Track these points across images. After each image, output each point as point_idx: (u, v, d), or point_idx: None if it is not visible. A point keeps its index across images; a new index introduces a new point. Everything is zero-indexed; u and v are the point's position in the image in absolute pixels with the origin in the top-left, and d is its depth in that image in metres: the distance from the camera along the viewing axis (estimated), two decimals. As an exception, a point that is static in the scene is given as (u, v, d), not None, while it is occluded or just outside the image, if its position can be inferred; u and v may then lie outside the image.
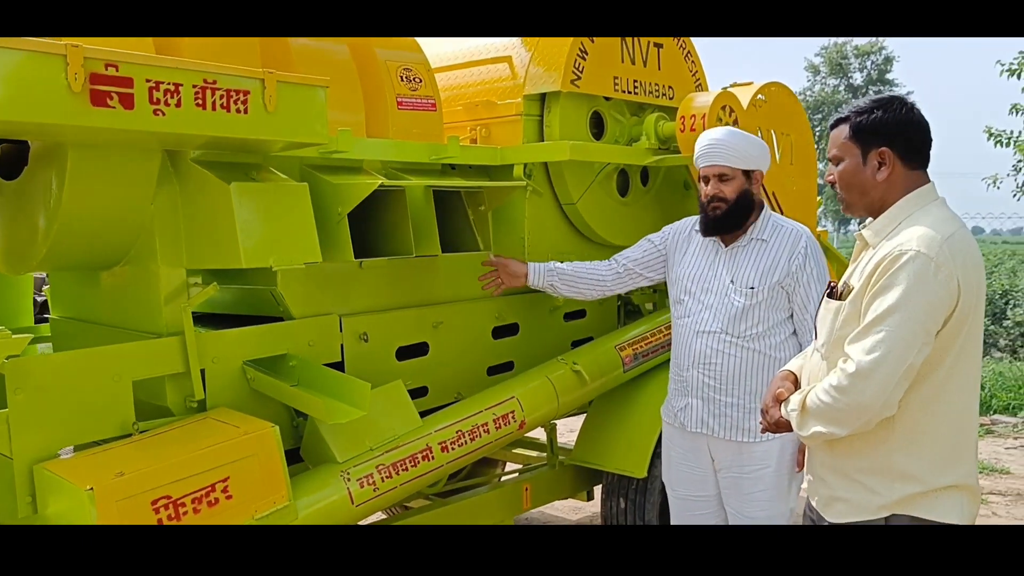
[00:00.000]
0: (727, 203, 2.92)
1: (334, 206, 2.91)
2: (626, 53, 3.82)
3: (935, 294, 1.95)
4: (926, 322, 1.96)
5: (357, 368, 3.19)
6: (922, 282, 1.94)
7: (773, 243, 2.95)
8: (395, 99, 3.30)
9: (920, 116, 2.14)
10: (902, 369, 1.96)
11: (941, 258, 1.95)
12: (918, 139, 2.12)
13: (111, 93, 2.15)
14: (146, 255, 2.76)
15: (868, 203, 2.16)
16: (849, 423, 2.04)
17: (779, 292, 2.91)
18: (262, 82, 2.45)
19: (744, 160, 2.92)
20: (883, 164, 2.11)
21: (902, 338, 1.95)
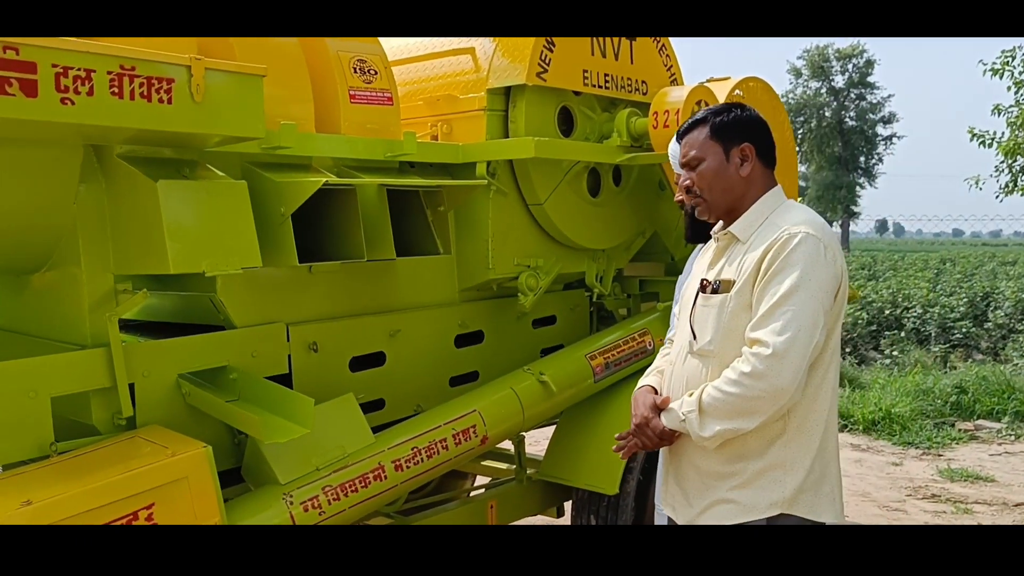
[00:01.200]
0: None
1: (277, 206, 2.69)
2: (596, 46, 3.62)
3: (827, 272, 2.02)
4: (824, 300, 2.02)
5: (306, 380, 2.97)
6: (816, 261, 2.01)
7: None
8: (348, 92, 3.08)
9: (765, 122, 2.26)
10: (811, 347, 1.99)
11: (827, 239, 2.05)
12: (769, 140, 2.22)
13: (10, 79, 1.92)
14: (69, 259, 2.53)
15: (730, 201, 2.19)
16: (763, 410, 2.02)
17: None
18: (188, 69, 2.22)
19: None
20: (745, 160, 2.17)
21: (808, 315, 1.99)
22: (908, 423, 7.64)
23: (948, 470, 6.44)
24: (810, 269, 2.00)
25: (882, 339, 12.98)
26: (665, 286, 4.24)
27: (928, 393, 8.26)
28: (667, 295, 4.18)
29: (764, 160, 2.21)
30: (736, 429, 2.05)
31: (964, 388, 8.34)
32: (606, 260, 3.95)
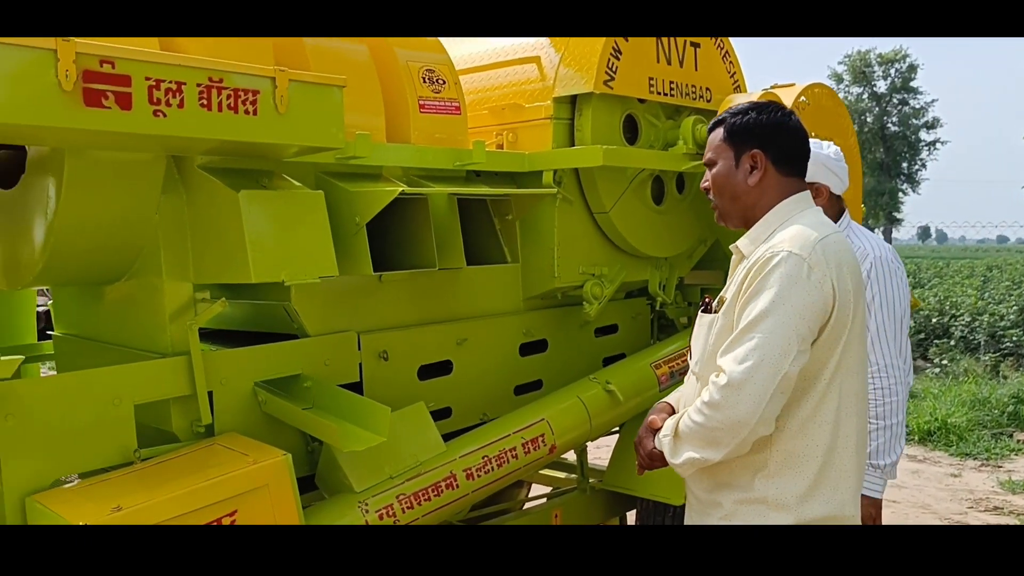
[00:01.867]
0: None
1: (351, 216, 2.70)
2: (662, 53, 3.60)
3: (809, 296, 1.84)
4: (800, 327, 1.83)
5: (376, 389, 2.98)
6: (794, 284, 1.83)
7: None
8: (417, 102, 3.10)
9: (797, 124, 2.06)
10: (777, 379, 1.82)
11: (814, 259, 1.86)
12: (791, 145, 2.04)
13: (106, 92, 1.95)
14: (150, 269, 2.57)
15: (741, 210, 2.06)
16: (724, 443, 1.89)
17: None
18: (273, 81, 2.25)
19: None
20: (755, 168, 2.02)
21: (776, 344, 1.82)
22: (965, 433, 7.50)
23: (1009, 482, 6.31)
24: (786, 293, 1.83)
25: (931, 348, 12.75)
26: (727, 294, 4.20)
27: (984, 403, 8.11)
28: (729, 303, 4.15)
29: (782, 167, 2.03)
30: (704, 459, 1.93)
31: (1021, 398, 8.17)
32: (669, 268, 3.93)
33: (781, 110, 2.05)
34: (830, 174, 2.67)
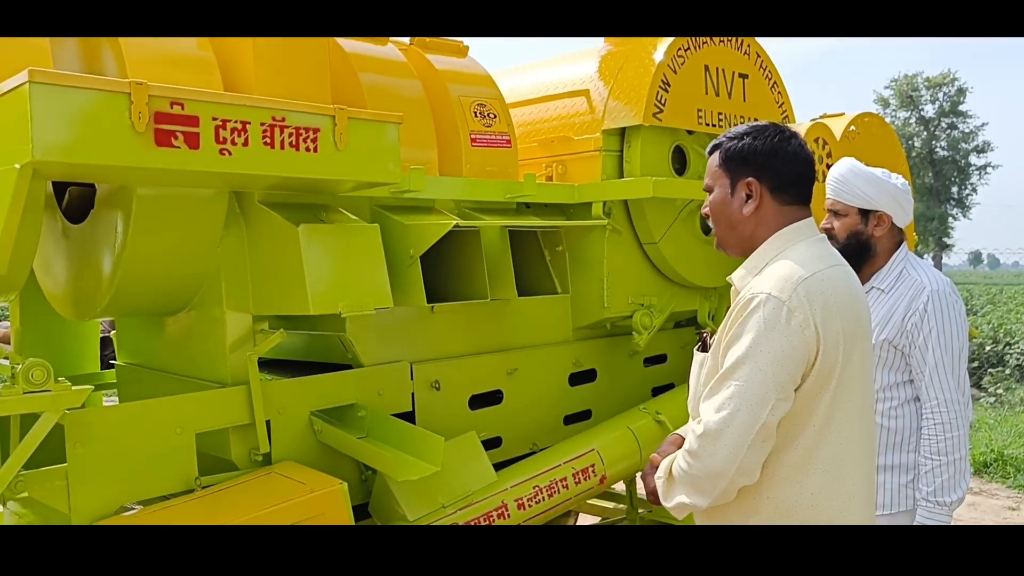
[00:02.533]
0: (836, 241, 2.63)
1: (406, 248, 2.76)
2: (710, 84, 3.63)
3: (788, 341, 1.73)
4: (779, 374, 1.73)
5: (428, 418, 3.02)
6: (772, 329, 1.72)
7: (892, 294, 2.62)
8: (469, 135, 3.16)
9: (797, 148, 1.91)
10: (755, 428, 1.72)
11: (794, 302, 1.74)
12: (789, 172, 1.90)
13: (176, 132, 2.03)
14: (212, 300, 2.64)
15: (738, 239, 1.95)
16: (706, 492, 1.80)
17: (891, 351, 2.58)
18: (333, 119, 2.32)
19: (858, 198, 2.62)
20: (750, 196, 1.89)
21: (753, 393, 1.72)
22: (1023, 465, 7.31)
23: (1071, 516, 6.14)
24: (763, 338, 1.73)
25: (985, 377, 12.48)
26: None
27: (1042, 433, 7.91)
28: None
29: (779, 196, 1.89)
30: (693, 504, 1.84)
31: (1084, 437, 7.95)
32: (718, 298, 3.92)
33: (780, 133, 1.92)
34: (895, 204, 2.63)
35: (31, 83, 1.84)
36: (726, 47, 3.74)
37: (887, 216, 2.62)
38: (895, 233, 2.66)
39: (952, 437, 2.49)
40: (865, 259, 2.65)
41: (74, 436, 2.28)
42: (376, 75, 3.02)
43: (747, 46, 3.84)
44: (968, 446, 2.56)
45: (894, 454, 2.58)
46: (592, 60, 3.75)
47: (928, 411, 2.51)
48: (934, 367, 2.49)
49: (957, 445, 2.50)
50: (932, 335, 2.50)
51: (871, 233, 2.64)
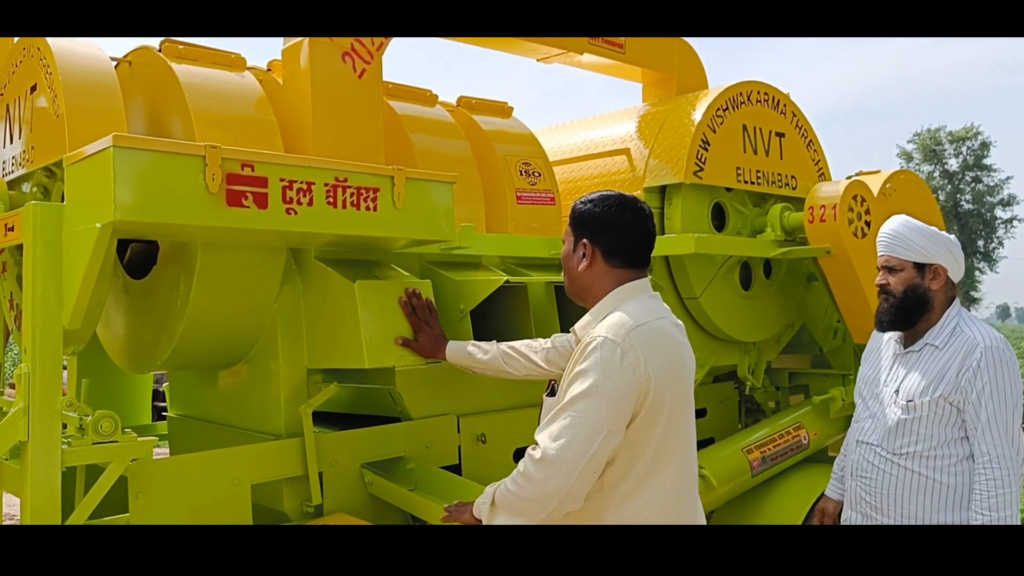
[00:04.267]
0: (893, 296, 2.66)
1: (456, 303, 2.82)
2: (748, 143, 3.70)
3: (621, 379, 1.92)
4: (612, 408, 1.92)
5: (474, 470, 3.05)
6: (608, 367, 1.92)
7: (946, 351, 2.60)
8: (515, 193, 3.24)
9: (630, 220, 2.11)
10: (587, 457, 1.91)
11: (627, 344, 1.94)
12: (621, 240, 2.11)
13: (246, 193, 2.12)
14: (267, 354, 2.71)
15: (576, 290, 2.19)
16: (531, 514, 1.98)
17: (946, 408, 2.56)
18: (392, 179, 2.41)
19: (914, 252, 2.63)
20: (585, 255, 2.12)
21: (588, 424, 1.91)
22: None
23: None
24: (601, 376, 1.91)
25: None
26: (815, 379, 4.20)
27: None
28: (817, 388, 4.14)
29: (611, 260, 2.10)
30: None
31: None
32: (757, 353, 3.95)
33: (619, 206, 2.11)
34: (951, 257, 2.65)
35: (115, 147, 1.93)
36: (763, 107, 3.82)
37: (943, 269, 2.63)
38: (949, 287, 2.66)
39: (1002, 495, 2.48)
40: (922, 313, 2.65)
41: (136, 486, 2.34)
42: (426, 135, 3.12)
43: (783, 105, 3.92)
44: (1018, 504, 2.55)
45: (952, 512, 2.56)
46: (632, 120, 3.84)
47: (980, 466, 2.50)
48: (987, 422, 2.49)
49: (1007, 502, 2.49)
50: (985, 391, 2.50)
51: (928, 286, 2.64)
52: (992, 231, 49.07)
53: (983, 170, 49.34)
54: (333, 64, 2.75)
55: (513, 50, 3.61)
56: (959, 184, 49.27)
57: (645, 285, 2.14)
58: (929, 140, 49.39)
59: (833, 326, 4.16)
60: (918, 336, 2.67)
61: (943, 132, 49.36)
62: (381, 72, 2.89)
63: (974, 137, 49.04)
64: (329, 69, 2.74)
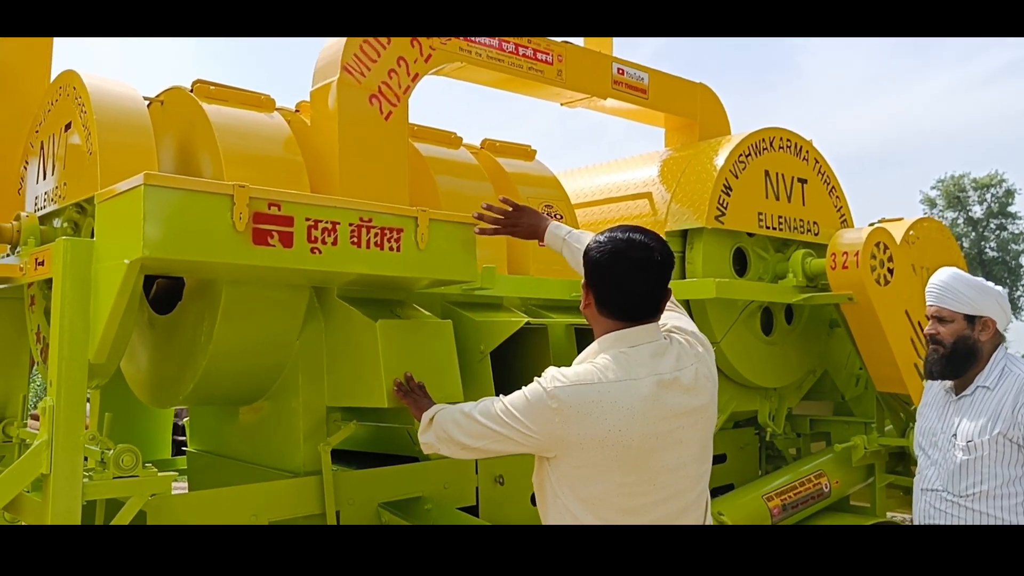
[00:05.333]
0: (943, 346, 2.68)
1: (476, 344, 2.83)
2: (770, 189, 3.71)
3: (532, 418, 1.96)
4: (505, 431, 2.02)
5: (492, 512, 3.03)
6: (521, 403, 1.99)
7: (998, 390, 2.62)
8: (536, 235, 3.25)
9: (624, 272, 2.00)
10: (480, 444, 2.10)
11: (565, 398, 1.92)
12: (610, 291, 2.03)
13: (272, 232, 2.15)
14: (288, 391, 2.72)
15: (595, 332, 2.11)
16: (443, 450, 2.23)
17: (1006, 445, 2.55)
18: (415, 220, 2.43)
19: (964, 304, 2.66)
20: (586, 297, 2.10)
21: (488, 424, 2.06)
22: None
23: None
24: (516, 404, 1.99)
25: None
26: (836, 426, 4.16)
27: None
28: (839, 435, 4.10)
29: (601, 309, 2.04)
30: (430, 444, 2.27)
31: None
32: (778, 399, 3.92)
33: (617, 254, 2.02)
34: (1000, 309, 2.70)
35: (145, 185, 1.97)
36: (786, 153, 3.83)
37: (992, 321, 2.66)
38: (997, 337, 2.70)
39: None
40: (971, 363, 2.67)
41: (156, 521, 2.34)
42: (451, 177, 3.15)
43: (806, 152, 3.93)
44: None
45: None
46: (654, 164, 3.87)
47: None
48: None
49: None
50: None
51: (977, 337, 2.66)
52: (1018, 279, 48.57)
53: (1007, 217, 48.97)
54: (360, 106, 2.80)
55: (538, 94, 3.65)
56: (983, 231, 48.93)
57: (625, 338, 2.02)
58: (953, 187, 49.16)
59: (855, 373, 4.13)
60: (968, 382, 2.68)
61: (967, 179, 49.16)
62: (407, 114, 2.94)
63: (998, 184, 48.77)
64: (356, 111, 2.79)
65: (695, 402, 2.00)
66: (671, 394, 1.97)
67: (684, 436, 1.98)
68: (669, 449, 1.96)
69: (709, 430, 2.07)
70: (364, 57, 2.83)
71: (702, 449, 2.04)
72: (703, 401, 2.02)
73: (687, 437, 1.99)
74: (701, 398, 2.01)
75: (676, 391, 1.98)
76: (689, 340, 2.09)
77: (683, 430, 1.98)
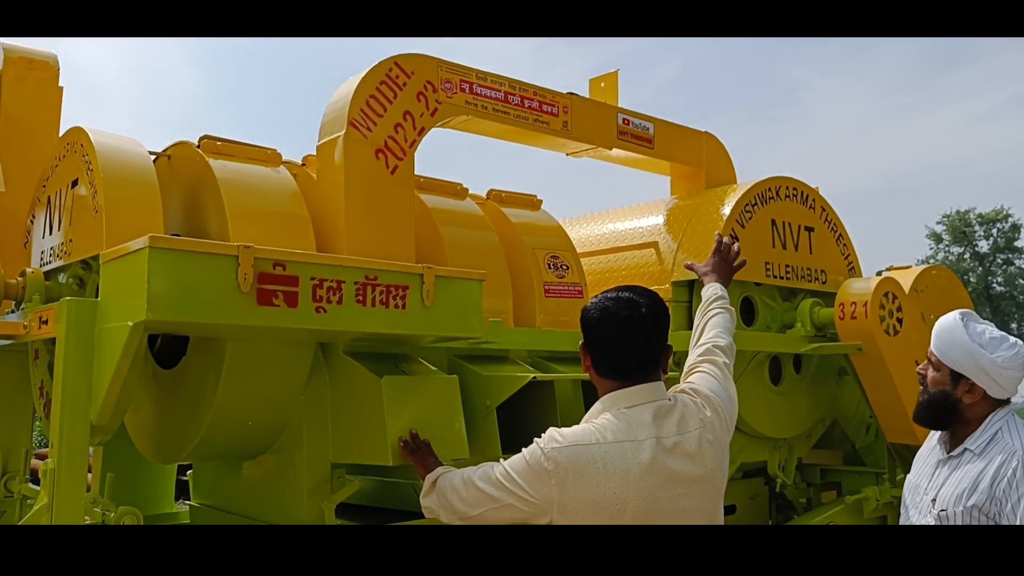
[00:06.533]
0: (925, 391, 2.51)
1: (483, 398, 2.81)
2: (777, 238, 3.70)
3: (525, 482, 1.93)
4: (502, 496, 1.97)
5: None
6: (520, 467, 1.94)
7: (983, 457, 2.39)
8: (543, 286, 3.25)
9: (611, 330, 2.00)
10: (477, 512, 2.05)
11: (551, 459, 1.90)
12: (600, 351, 2.03)
13: (277, 292, 2.14)
14: (292, 446, 2.70)
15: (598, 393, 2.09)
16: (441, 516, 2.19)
17: (980, 519, 2.34)
18: (421, 277, 2.42)
19: (951, 361, 2.43)
20: (584, 359, 2.09)
21: (474, 488, 2.04)
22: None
23: None
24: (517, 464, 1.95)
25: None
26: (847, 476, 4.10)
27: None
28: (850, 485, 4.05)
29: (597, 368, 2.04)
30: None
31: None
32: (787, 448, 3.87)
33: (604, 312, 2.02)
34: (988, 379, 2.41)
35: (151, 248, 1.96)
36: (792, 202, 3.83)
37: (980, 388, 2.42)
38: (990, 403, 2.51)
39: None
40: (950, 420, 2.48)
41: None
42: (456, 228, 3.15)
43: (812, 200, 3.93)
44: None
45: None
46: (660, 213, 3.86)
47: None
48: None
49: None
50: (1021, 503, 2.37)
51: (958, 398, 2.44)
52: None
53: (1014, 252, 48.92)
54: (367, 161, 2.81)
55: (544, 145, 3.66)
56: (990, 266, 48.85)
57: (625, 397, 1.99)
58: (959, 222, 49.19)
59: (866, 421, 4.09)
60: (959, 441, 2.48)
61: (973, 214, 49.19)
62: (413, 168, 2.94)
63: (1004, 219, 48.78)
64: (362, 165, 2.79)
65: (698, 470, 1.93)
66: (672, 459, 1.92)
67: (686, 504, 1.92)
68: (670, 517, 1.90)
69: (717, 500, 2.00)
70: (370, 112, 2.84)
71: (707, 519, 1.97)
72: (707, 469, 1.95)
73: (690, 506, 1.92)
74: (705, 466, 1.95)
75: (678, 456, 1.93)
76: (699, 403, 2.05)
77: (685, 497, 1.92)
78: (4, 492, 3.06)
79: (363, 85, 2.85)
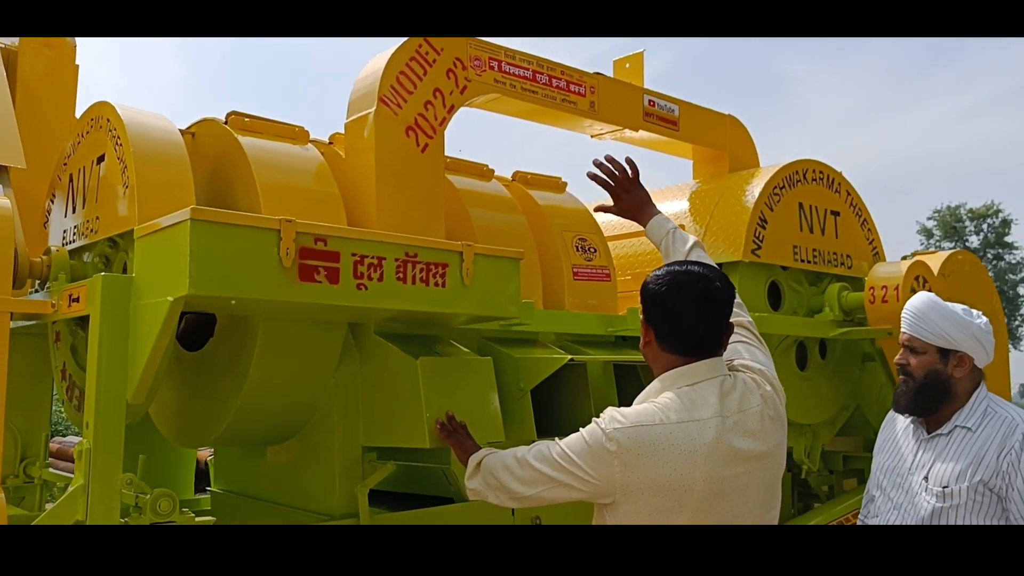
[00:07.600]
0: (912, 379, 2.43)
1: (516, 381, 2.75)
2: (804, 221, 3.66)
3: (585, 463, 1.87)
4: (562, 477, 1.91)
5: (528, 556, 2.93)
6: (580, 447, 1.88)
7: (981, 432, 2.37)
8: (571, 269, 3.19)
9: (686, 305, 1.94)
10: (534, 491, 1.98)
11: (613, 440, 1.84)
12: (671, 325, 1.95)
13: (319, 268, 2.08)
14: (322, 430, 2.64)
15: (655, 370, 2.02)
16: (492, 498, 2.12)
17: (986, 495, 2.31)
18: (460, 255, 2.36)
19: (937, 336, 2.41)
20: (644, 334, 2.01)
21: (546, 470, 1.94)
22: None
23: None
24: (576, 443, 1.89)
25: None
26: (868, 463, 4.05)
27: None
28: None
29: (663, 344, 1.96)
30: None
31: None
32: (812, 435, 3.83)
33: (677, 286, 1.96)
34: (978, 345, 2.41)
35: (192, 220, 1.90)
36: (818, 185, 3.79)
37: (969, 357, 2.41)
38: (976, 374, 2.44)
39: None
40: (943, 400, 2.43)
41: (190, 568, 2.24)
42: (484, 210, 3.09)
43: (838, 184, 3.88)
44: None
45: None
46: (684, 196, 3.82)
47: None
48: None
49: None
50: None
51: (950, 374, 2.42)
52: (1016, 308, 48.58)
53: (1004, 247, 49.13)
54: (397, 138, 2.74)
55: (569, 126, 3.60)
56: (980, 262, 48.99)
57: (689, 374, 1.94)
58: (949, 217, 49.39)
59: (887, 407, 4.04)
60: (944, 420, 2.44)
61: (963, 209, 49.40)
62: (443, 147, 2.89)
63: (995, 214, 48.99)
64: (393, 143, 2.73)
65: (761, 448, 1.89)
66: (736, 438, 1.87)
67: (749, 482, 1.88)
68: (734, 496, 1.86)
69: (777, 475, 1.97)
70: (400, 89, 2.77)
71: (769, 495, 1.94)
72: (769, 446, 1.91)
73: (752, 483, 1.89)
74: (767, 443, 1.91)
75: (740, 434, 1.88)
76: (756, 379, 2.01)
77: (748, 475, 1.88)
78: (24, 478, 2.99)
79: (393, 61, 2.79)
